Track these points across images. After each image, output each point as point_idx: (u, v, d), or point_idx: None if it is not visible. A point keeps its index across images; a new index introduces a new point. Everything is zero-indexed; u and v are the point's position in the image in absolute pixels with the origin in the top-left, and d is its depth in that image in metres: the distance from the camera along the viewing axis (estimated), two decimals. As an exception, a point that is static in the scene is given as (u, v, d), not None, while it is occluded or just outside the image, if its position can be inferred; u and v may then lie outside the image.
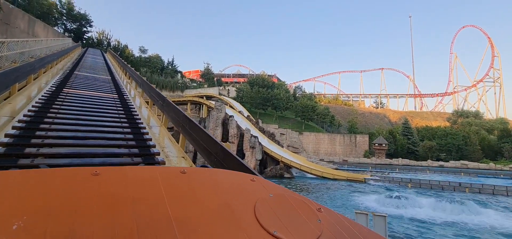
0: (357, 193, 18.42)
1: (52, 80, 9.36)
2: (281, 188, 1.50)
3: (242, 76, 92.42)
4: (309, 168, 25.37)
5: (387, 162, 45.27)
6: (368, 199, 15.89)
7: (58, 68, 14.04)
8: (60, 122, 5.07)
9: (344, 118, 69.80)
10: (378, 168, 38.23)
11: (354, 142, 55.62)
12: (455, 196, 16.72)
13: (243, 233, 1.03)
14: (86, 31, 52.91)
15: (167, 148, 5.05)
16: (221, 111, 30.72)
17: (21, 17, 30.71)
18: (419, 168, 37.69)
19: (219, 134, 29.57)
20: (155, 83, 55.09)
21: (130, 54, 59.97)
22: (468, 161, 41.83)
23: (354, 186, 21.59)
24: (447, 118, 65.31)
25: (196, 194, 1.23)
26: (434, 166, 41.01)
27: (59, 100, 6.63)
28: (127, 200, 1.05)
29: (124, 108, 7.24)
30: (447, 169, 38.59)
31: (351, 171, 31.61)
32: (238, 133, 28.86)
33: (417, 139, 56.98)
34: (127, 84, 13.85)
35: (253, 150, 27.52)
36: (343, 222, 1.25)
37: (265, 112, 62.18)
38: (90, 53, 30.77)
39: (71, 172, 1.21)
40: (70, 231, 0.83)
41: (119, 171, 1.29)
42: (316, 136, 56.12)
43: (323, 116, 57.90)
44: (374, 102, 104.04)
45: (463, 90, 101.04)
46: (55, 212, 0.90)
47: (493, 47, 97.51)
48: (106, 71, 16.92)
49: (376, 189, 20.02)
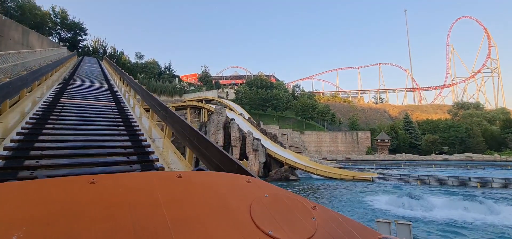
0: (366, 193, 17.90)
1: (48, 93, 9.22)
2: (277, 188, 1.50)
3: (240, 77, 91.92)
4: (314, 169, 24.82)
5: (390, 158, 44.85)
6: (379, 200, 15.35)
7: (53, 79, 13.60)
8: (58, 133, 5.07)
9: (344, 116, 69.39)
10: (383, 164, 37.72)
11: (356, 138, 55.18)
12: (468, 192, 16.23)
13: (238, 233, 1.05)
14: (81, 40, 52.32)
15: (174, 164, 4.82)
16: (221, 115, 30.16)
17: (14, 28, 30.14)
18: (423, 163, 37.17)
19: (220, 138, 29.02)
20: (153, 89, 54.50)
21: (127, 60, 59.36)
22: (472, 153, 41.46)
23: (361, 185, 21.06)
24: (447, 111, 65.03)
25: (192, 197, 1.25)
26: (438, 160, 40.60)
27: (57, 111, 6.55)
28: (124, 205, 1.07)
29: (122, 118, 7.11)
30: (452, 162, 38.20)
31: (356, 169, 31.18)
32: (240, 136, 28.31)
33: (419, 133, 56.64)
34: (125, 92, 13.36)
35: (256, 153, 26.98)
36: (338, 219, 1.26)
37: (265, 113, 61.66)
38: (86, 62, 30.31)
39: (68, 181, 1.24)
40: (69, 238, 0.86)
41: (116, 178, 1.33)
42: (317, 135, 55.65)
43: (323, 114, 57.42)
44: (373, 98, 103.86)
45: (461, 82, 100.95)
46: (54, 221, 0.93)
47: (489, 37, 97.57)
48: (102, 79, 16.43)
49: (385, 188, 19.50)
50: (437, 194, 16.66)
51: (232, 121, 29.13)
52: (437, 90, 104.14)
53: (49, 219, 0.93)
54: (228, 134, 29.13)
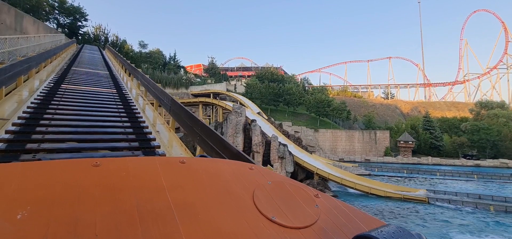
0: (438, 223, 14.43)
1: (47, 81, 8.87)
2: (280, 175, 1.49)
3: (247, 69, 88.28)
4: (353, 183, 21.37)
5: (415, 161, 41.73)
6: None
7: (49, 70, 11.61)
8: (59, 117, 5.09)
9: (355, 111, 65.87)
10: (409, 169, 34.22)
11: (373, 138, 51.97)
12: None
13: (242, 218, 1.05)
14: (81, 26, 48.34)
15: (176, 153, 4.88)
16: (241, 115, 26.70)
17: (6, 12, 26.50)
18: (458, 171, 33.44)
19: (240, 142, 25.66)
20: (157, 80, 50.82)
21: (130, 49, 55.51)
22: (507, 160, 38.14)
23: (414, 207, 17.72)
24: (469, 109, 61.49)
25: (195, 182, 1.25)
26: (469, 165, 37.47)
27: None
28: (128, 189, 1.08)
29: (124, 106, 7.00)
30: (486, 169, 34.82)
31: (386, 176, 27.81)
32: (263, 141, 24.96)
33: (439, 133, 53.41)
34: (137, 95, 10.52)
35: (282, 161, 23.72)
36: (340, 206, 1.27)
37: (276, 109, 58.22)
38: (86, 50, 26.95)
39: (72, 163, 1.24)
40: (73, 219, 0.86)
41: (119, 161, 1.31)
42: (333, 133, 52.36)
43: (339, 111, 53.85)
44: (383, 93, 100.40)
45: (475, 78, 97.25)
46: (58, 202, 0.93)
47: (507, 32, 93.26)
48: (109, 82, 12.55)
49: (451, 215, 16.19)
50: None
51: (254, 122, 25.71)
52: (448, 87, 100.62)
53: (53, 200, 0.93)
54: (248, 137, 25.77)
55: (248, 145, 25.62)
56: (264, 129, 26.70)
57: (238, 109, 27.29)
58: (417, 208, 17.79)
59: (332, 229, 1.11)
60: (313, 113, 55.98)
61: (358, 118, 61.02)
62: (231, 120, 26.64)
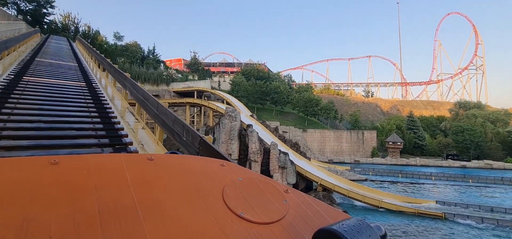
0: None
1: (9, 69, 8.72)
2: (251, 172, 1.49)
3: (229, 65, 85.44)
4: (360, 195, 19.88)
5: (404, 162, 41.83)
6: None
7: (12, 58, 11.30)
8: (19, 112, 4.86)
9: (339, 110, 65.70)
10: (415, 176, 33.56)
11: (361, 138, 51.78)
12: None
13: (210, 215, 1.05)
14: (46, 13, 42.77)
15: (149, 148, 4.70)
16: (235, 119, 24.27)
17: None
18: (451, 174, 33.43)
19: (235, 150, 23.29)
20: (135, 76, 46.54)
21: (104, 41, 50.44)
22: (491, 160, 39.27)
23: (433, 227, 16.38)
24: (449, 109, 63.51)
25: (163, 179, 1.22)
26: (456, 167, 38.07)
27: None
28: (88, 188, 1.04)
29: (93, 99, 6.75)
30: (471, 171, 35.46)
31: (378, 180, 26.79)
32: (261, 149, 22.79)
33: (422, 133, 54.46)
34: (106, 86, 10.33)
35: (283, 171, 21.75)
36: (309, 201, 1.28)
37: (263, 107, 56.22)
38: (53, 40, 23.54)
39: (26, 161, 1.17)
40: (24, 220, 0.82)
41: (80, 159, 1.26)
42: (321, 133, 51.43)
43: (327, 111, 52.99)
44: (363, 91, 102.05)
45: (448, 78, 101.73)
46: (8, 203, 0.88)
47: (477, 34, 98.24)
48: (78, 74, 11.42)
49: (472, 235, 15.06)
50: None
51: (250, 128, 23.44)
52: (424, 86, 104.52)
53: (2, 201, 0.88)
54: (244, 144, 23.44)
55: (244, 152, 23.33)
56: (261, 135, 24.51)
57: (232, 112, 24.83)
58: (437, 225, 16.45)
59: (299, 224, 1.11)
60: (301, 113, 54.70)
61: (344, 118, 60.72)
62: (225, 125, 24.15)
